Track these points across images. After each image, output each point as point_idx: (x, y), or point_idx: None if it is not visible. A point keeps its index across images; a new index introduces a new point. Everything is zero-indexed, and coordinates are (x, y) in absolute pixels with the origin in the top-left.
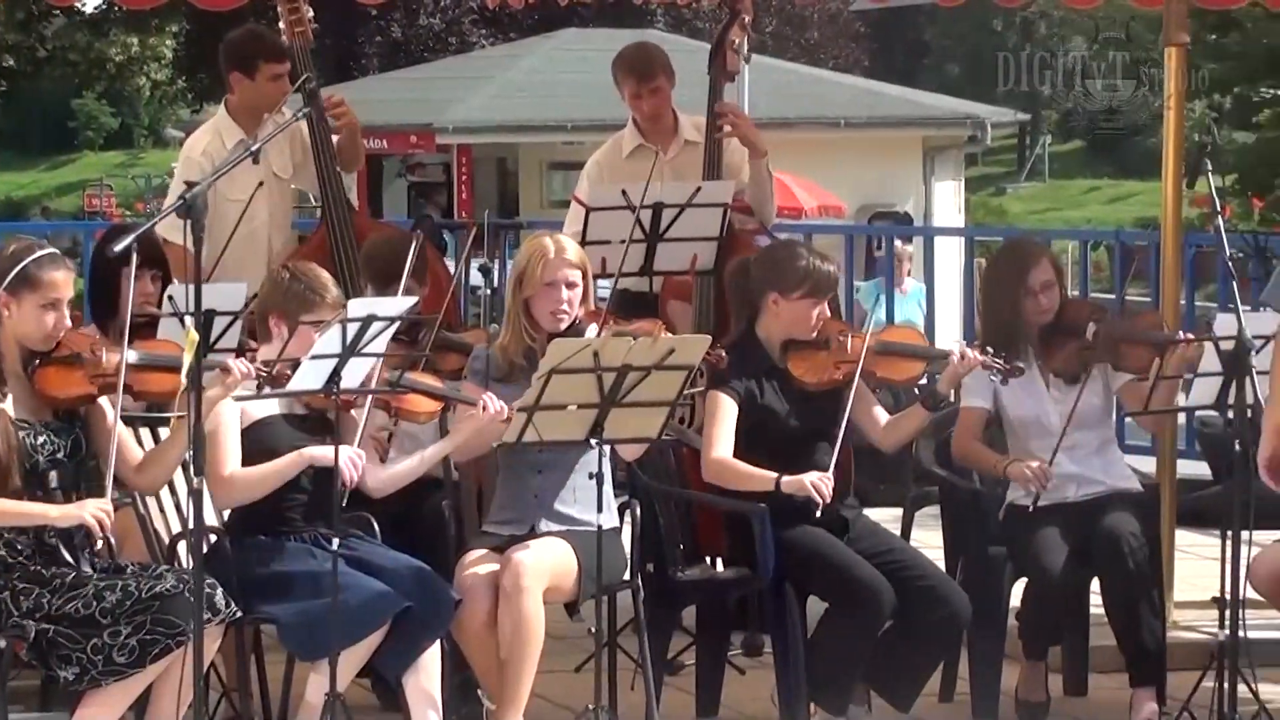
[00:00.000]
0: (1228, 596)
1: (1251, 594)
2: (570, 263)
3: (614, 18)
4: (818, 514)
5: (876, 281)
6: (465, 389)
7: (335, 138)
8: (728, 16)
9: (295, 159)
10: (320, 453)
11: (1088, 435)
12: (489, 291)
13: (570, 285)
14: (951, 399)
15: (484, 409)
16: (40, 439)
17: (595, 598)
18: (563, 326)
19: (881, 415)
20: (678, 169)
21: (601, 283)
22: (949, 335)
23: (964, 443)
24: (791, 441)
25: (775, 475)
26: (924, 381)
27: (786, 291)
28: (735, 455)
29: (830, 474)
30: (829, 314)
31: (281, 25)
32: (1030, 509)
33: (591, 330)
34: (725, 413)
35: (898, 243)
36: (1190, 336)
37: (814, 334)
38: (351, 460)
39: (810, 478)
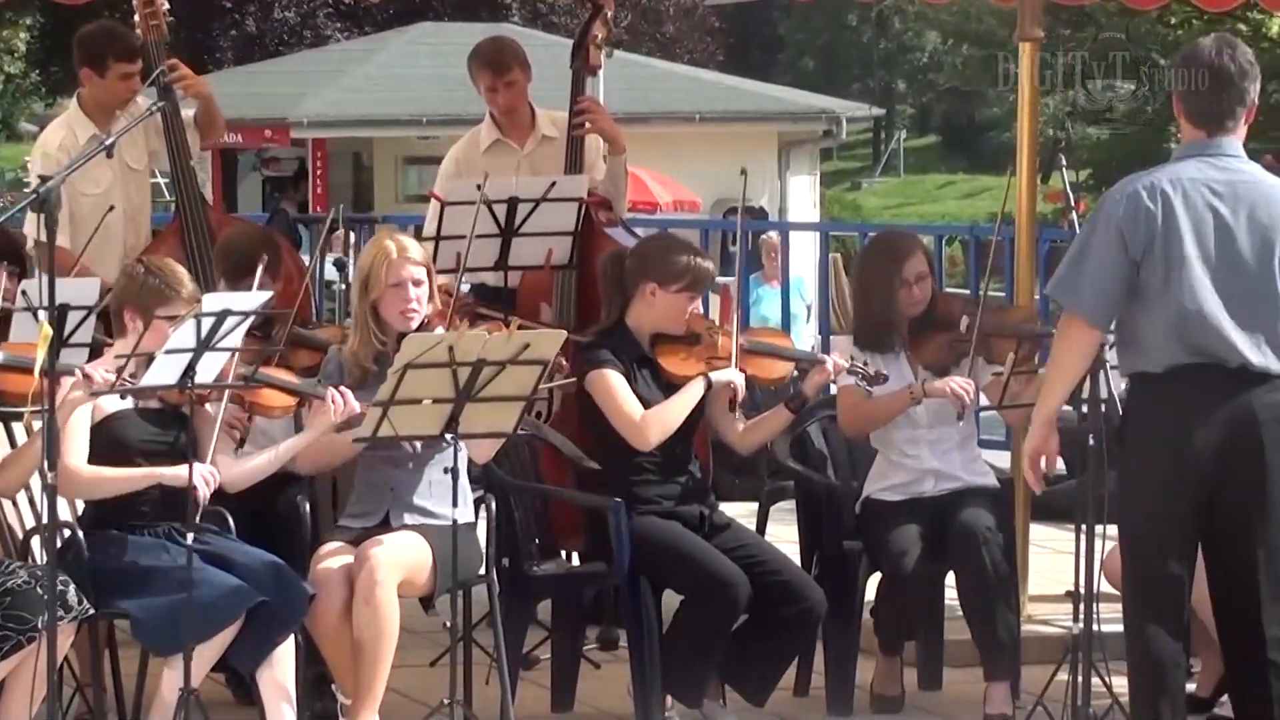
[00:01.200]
0: (1082, 590)
1: (1105, 587)
2: (414, 261)
3: (469, 11)
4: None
5: (755, 276)
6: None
7: (190, 113)
8: (590, 11)
9: (151, 146)
10: (171, 474)
11: (950, 430)
12: (344, 286)
13: (416, 284)
14: (816, 400)
15: (335, 404)
16: None
17: (450, 592)
18: (413, 325)
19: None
20: (536, 164)
21: (458, 278)
22: (806, 330)
23: (851, 416)
24: None
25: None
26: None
27: (665, 283)
28: (595, 439)
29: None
30: (700, 310)
31: (136, 19)
32: (890, 502)
33: (440, 330)
34: (618, 384)
35: (773, 235)
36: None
37: (685, 328)
38: (205, 478)
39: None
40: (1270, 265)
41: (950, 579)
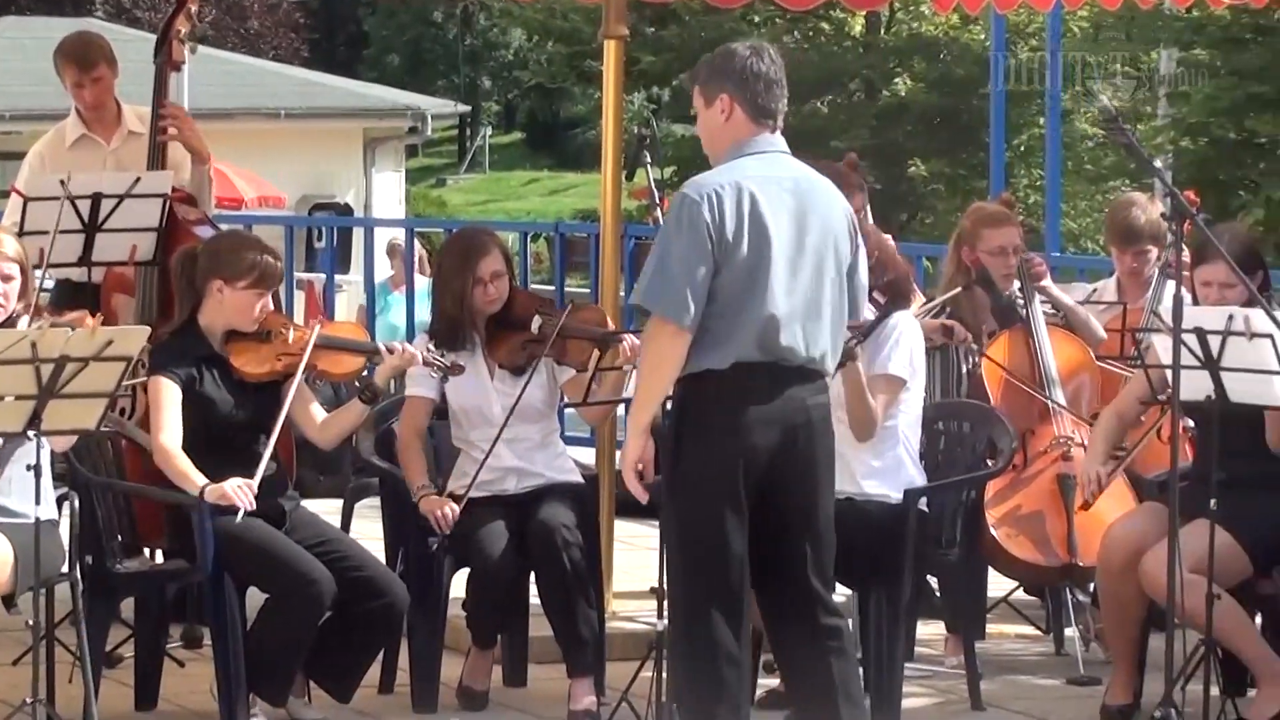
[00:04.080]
0: (666, 586)
1: None
2: (6, 256)
3: (53, 5)
4: (237, 519)
5: (383, 283)
6: None
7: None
8: (174, 6)
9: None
10: (212, 489)
11: (530, 428)
12: None
13: (7, 279)
14: (392, 391)
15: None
16: None
17: (33, 590)
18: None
19: (318, 411)
20: (121, 159)
21: (40, 273)
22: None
23: (407, 433)
24: (229, 431)
25: (204, 483)
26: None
27: (233, 280)
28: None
29: (256, 480)
30: (272, 307)
31: None
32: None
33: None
34: (169, 397)
35: (400, 239)
36: (631, 334)
37: (256, 326)
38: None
39: (231, 485)
40: (831, 263)
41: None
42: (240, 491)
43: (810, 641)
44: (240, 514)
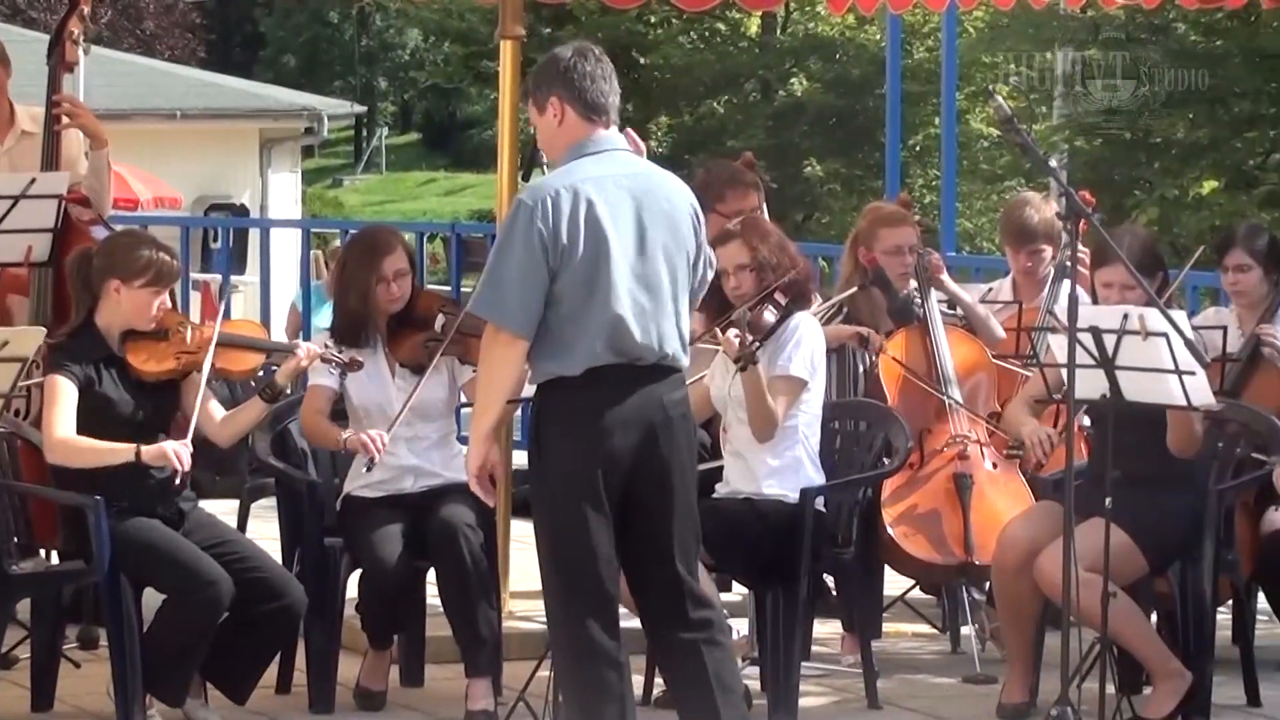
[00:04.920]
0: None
1: None
2: None
3: None
4: (178, 481)
5: (318, 285)
6: None
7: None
8: (67, 6)
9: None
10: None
11: (429, 427)
12: None
13: None
14: (289, 391)
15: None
16: None
17: None
18: None
19: (217, 409)
20: (15, 160)
21: None
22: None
23: (309, 418)
24: (129, 431)
25: (133, 445)
26: (262, 374)
27: (129, 280)
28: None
29: (188, 441)
30: (169, 305)
31: None
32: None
33: None
34: (64, 394)
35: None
36: None
37: (153, 325)
38: (178, 454)
39: (171, 445)
40: (679, 257)
41: (432, 575)
42: (178, 454)
43: (682, 634)
44: (179, 475)
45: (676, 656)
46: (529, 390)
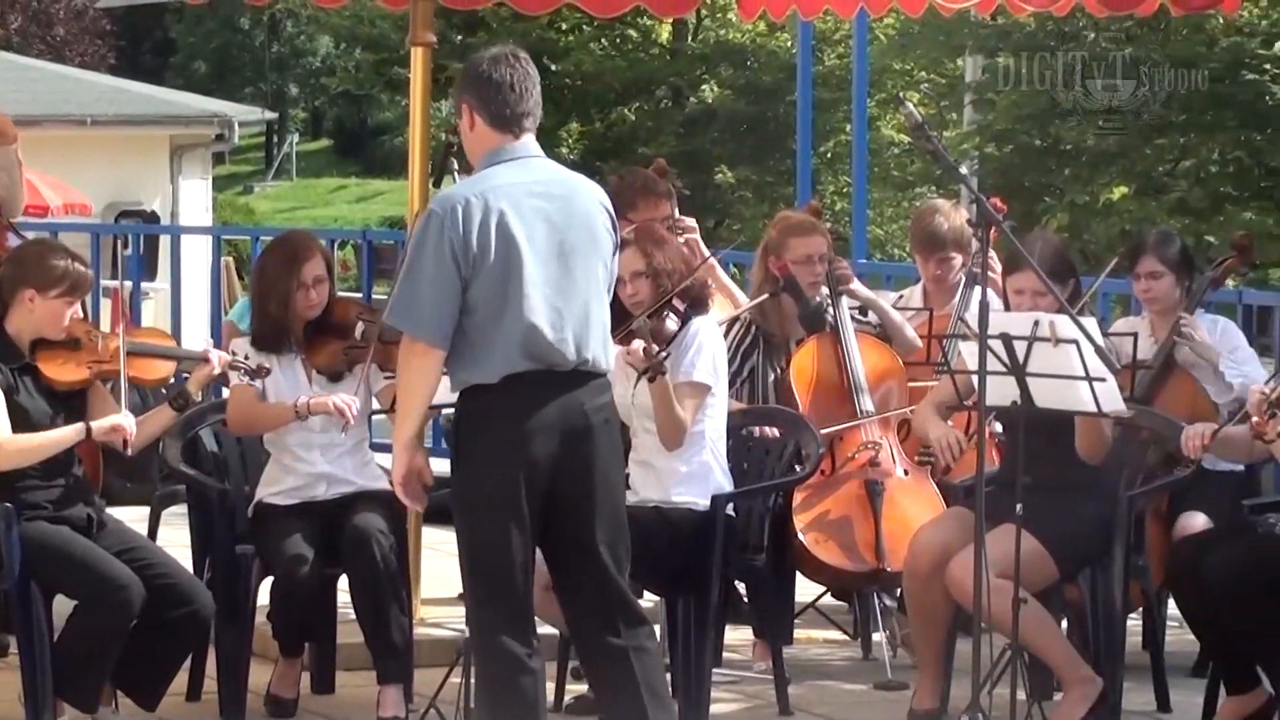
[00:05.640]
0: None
1: None
2: None
3: None
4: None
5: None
6: None
7: None
8: None
9: None
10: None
11: (342, 434)
12: None
13: None
14: (199, 399)
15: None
16: None
17: None
18: None
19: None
20: None
21: None
22: (198, 335)
23: (237, 416)
24: None
25: (81, 424)
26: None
27: (44, 289)
28: None
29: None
30: (81, 315)
31: None
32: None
33: None
34: None
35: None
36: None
37: (65, 334)
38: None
39: (117, 418)
40: (594, 260)
41: (343, 582)
42: (124, 426)
43: (611, 639)
44: (127, 445)
45: (605, 662)
46: (445, 396)
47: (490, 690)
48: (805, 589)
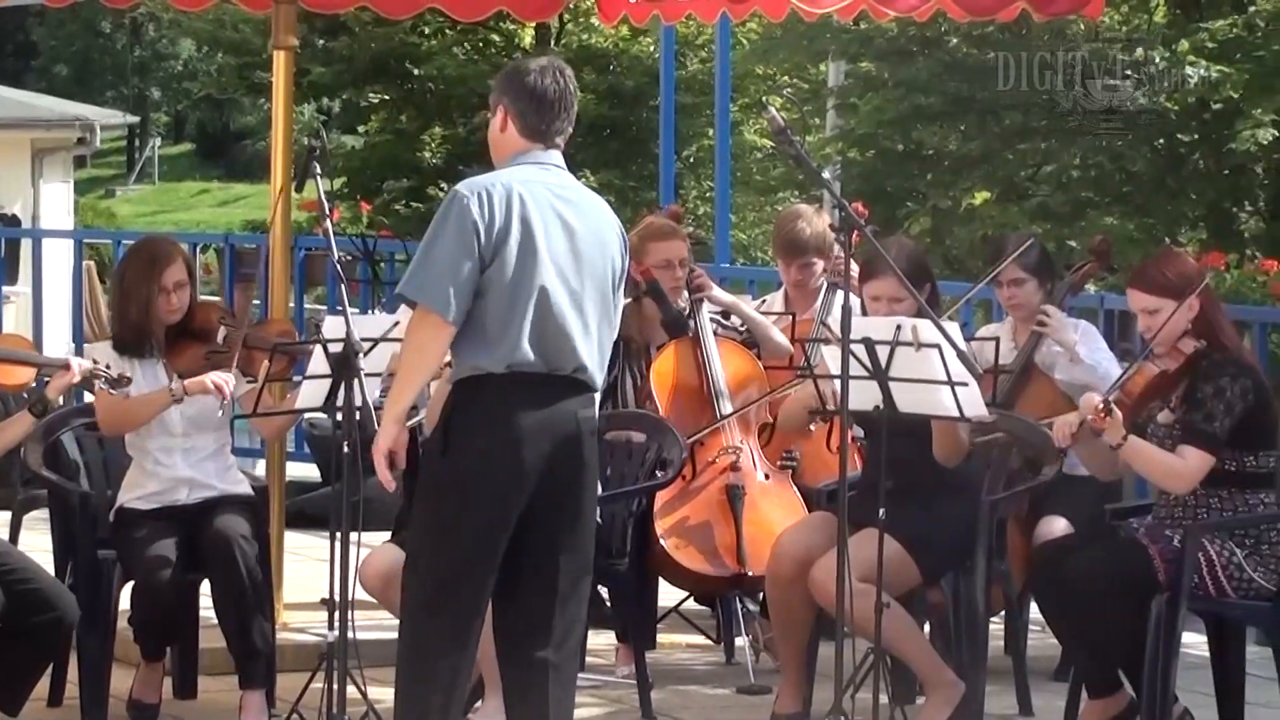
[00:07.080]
0: (337, 597)
1: (361, 594)
2: None
3: None
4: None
5: None
6: None
7: None
8: None
9: None
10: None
11: (206, 439)
12: None
13: None
14: (59, 404)
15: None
16: None
17: None
18: None
19: None
20: None
21: None
22: (59, 339)
23: (109, 416)
24: None
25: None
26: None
27: None
28: None
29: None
30: None
31: None
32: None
33: None
34: None
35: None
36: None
37: None
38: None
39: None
40: (606, 272)
41: (205, 587)
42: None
43: (539, 652)
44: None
45: (525, 673)
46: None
47: (413, 673)
48: (668, 594)
